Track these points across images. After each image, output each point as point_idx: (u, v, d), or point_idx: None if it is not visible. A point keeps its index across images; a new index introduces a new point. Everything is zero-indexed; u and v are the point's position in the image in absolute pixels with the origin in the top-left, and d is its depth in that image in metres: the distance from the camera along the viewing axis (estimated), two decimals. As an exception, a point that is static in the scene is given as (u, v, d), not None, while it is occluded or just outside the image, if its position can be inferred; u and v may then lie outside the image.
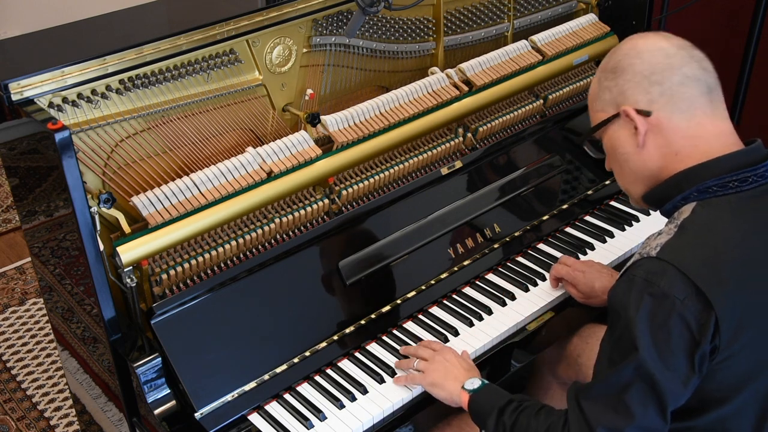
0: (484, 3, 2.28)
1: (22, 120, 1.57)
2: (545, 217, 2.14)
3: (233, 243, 1.71)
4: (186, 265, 1.66)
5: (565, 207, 2.18)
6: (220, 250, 1.70)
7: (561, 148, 2.25)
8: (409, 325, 1.85)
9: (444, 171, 2.03)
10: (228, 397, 1.64)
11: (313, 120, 1.88)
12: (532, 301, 1.90)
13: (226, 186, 1.72)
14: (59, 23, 1.92)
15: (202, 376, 1.62)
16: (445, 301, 1.91)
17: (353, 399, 1.67)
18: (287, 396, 1.68)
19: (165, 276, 1.64)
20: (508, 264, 2.02)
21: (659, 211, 1.45)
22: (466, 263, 1.98)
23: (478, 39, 2.30)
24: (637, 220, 2.17)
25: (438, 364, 1.64)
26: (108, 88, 1.64)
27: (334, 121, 1.89)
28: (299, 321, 1.76)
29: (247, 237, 1.73)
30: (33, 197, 1.86)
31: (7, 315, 3.20)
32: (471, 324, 1.84)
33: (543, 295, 1.92)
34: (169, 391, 1.63)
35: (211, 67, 1.78)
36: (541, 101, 2.28)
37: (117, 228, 1.64)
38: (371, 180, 1.92)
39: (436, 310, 1.89)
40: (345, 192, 1.88)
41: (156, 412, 1.61)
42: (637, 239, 2.10)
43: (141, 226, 1.65)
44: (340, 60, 2.02)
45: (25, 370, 2.92)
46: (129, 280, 1.60)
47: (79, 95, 1.61)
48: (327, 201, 1.85)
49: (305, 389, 1.70)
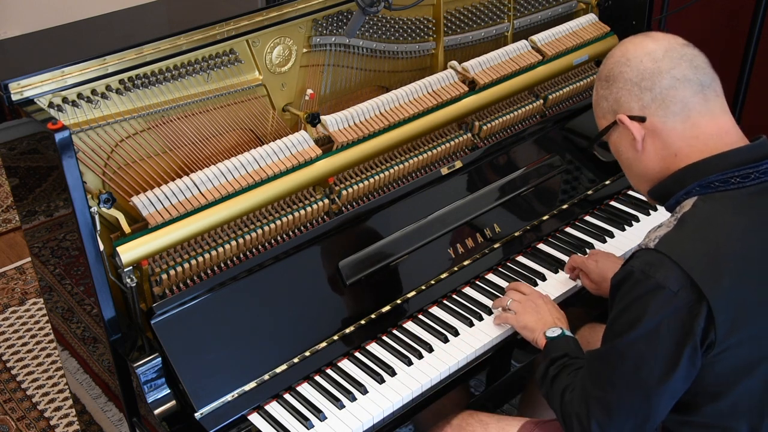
0: (484, 3, 2.28)
1: (22, 120, 1.57)
2: (545, 217, 2.14)
3: (233, 243, 1.71)
4: (186, 265, 1.66)
5: (565, 207, 2.19)
6: (220, 250, 1.70)
7: (561, 148, 2.25)
8: (409, 325, 1.85)
9: (444, 171, 2.03)
10: (228, 397, 1.64)
11: (313, 120, 1.88)
12: (532, 301, 1.90)
13: (226, 186, 1.72)
14: (59, 23, 1.92)
15: (202, 376, 1.62)
16: (445, 301, 1.91)
17: (353, 399, 1.67)
18: (287, 396, 1.68)
19: (165, 276, 1.64)
20: (508, 264, 2.02)
21: (664, 207, 1.47)
22: (466, 263, 1.98)
23: (478, 39, 2.30)
24: (637, 220, 2.17)
25: (529, 307, 1.76)
26: (108, 88, 1.64)
27: (334, 121, 1.89)
28: (299, 321, 1.76)
29: (247, 237, 1.73)
30: (33, 197, 1.85)
31: (7, 315, 3.20)
32: (471, 324, 1.84)
33: (543, 295, 1.92)
34: (169, 391, 1.63)
35: (211, 67, 1.78)
36: (541, 101, 2.28)
37: (117, 228, 1.64)
38: (371, 180, 1.92)
39: (436, 310, 1.89)
40: (345, 192, 1.88)
41: (156, 412, 1.61)
42: (637, 239, 2.10)
43: (141, 226, 1.65)
44: (340, 60, 2.02)
45: (25, 370, 2.92)
46: (129, 280, 1.60)
47: (79, 95, 1.61)
48: (327, 201, 1.85)
49: (305, 389, 1.70)
